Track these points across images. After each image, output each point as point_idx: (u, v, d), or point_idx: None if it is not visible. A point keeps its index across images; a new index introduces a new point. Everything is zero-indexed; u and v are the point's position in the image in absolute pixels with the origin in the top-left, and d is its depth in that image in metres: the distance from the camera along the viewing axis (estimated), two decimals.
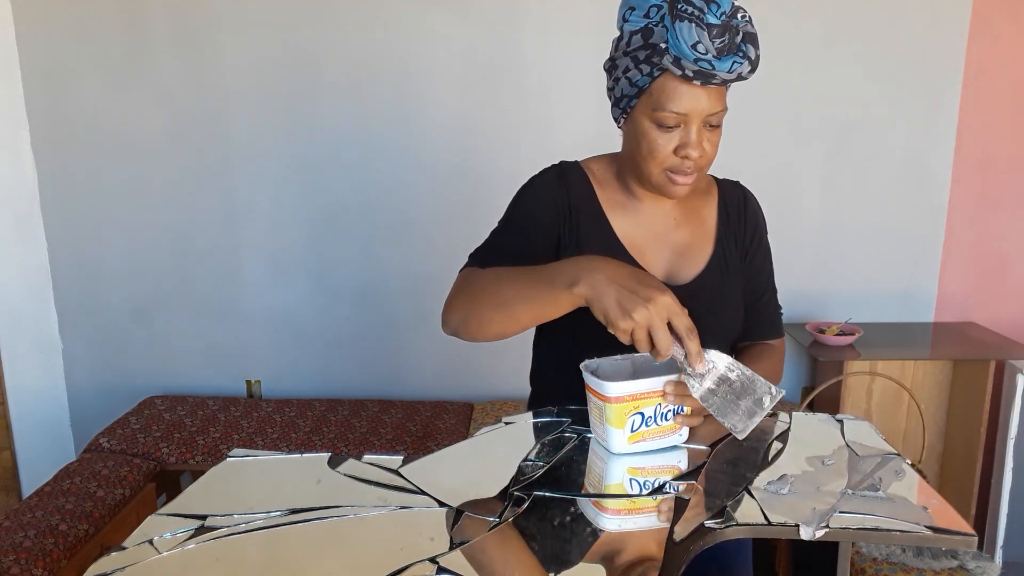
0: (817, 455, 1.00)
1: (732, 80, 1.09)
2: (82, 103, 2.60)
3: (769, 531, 0.85)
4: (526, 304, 1.04)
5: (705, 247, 1.25)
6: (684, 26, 1.05)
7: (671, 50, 1.06)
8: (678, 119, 1.10)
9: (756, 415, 0.95)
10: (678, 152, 1.12)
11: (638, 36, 1.11)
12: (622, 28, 1.14)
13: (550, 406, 1.18)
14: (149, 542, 0.83)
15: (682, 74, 1.06)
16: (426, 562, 0.78)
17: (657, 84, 1.10)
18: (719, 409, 0.97)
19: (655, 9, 1.08)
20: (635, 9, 1.11)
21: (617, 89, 1.18)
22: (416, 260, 2.68)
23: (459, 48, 2.53)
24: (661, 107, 1.10)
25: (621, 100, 1.18)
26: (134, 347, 2.77)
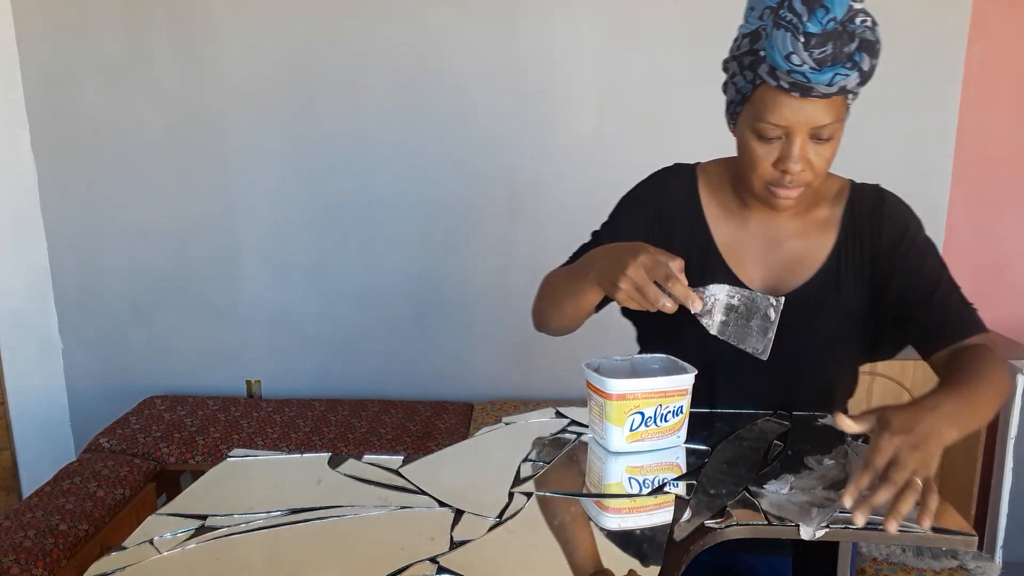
0: (817, 455, 1.00)
1: (834, 94, 1.00)
2: (82, 104, 2.60)
3: (769, 531, 0.85)
4: (568, 297, 1.13)
5: (817, 258, 1.17)
6: (779, 34, 0.98)
7: (767, 59, 1.00)
8: (778, 131, 1.04)
9: (768, 330, 0.97)
10: (778, 165, 1.06)
11: (747, 40, 1.05)
12: (739, 28, 1.08)
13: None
14: (149, 542, 0.83)
15: (777, 84, 1.00)
16: (426, 562, 0.78)
17: (758, 93, 1.04)
18: (736, 337, 0.98)
19: (768, 12, 1.01)
20: (753, 9, 1.05)
21: (727, 94, 1.12)
22: (416, 260, 2.69)
23: (459, 48, 2.53)
24: (761, 117, 1.04)
25: (729, 106, 1.12)
26: (134, 347, 2.77)
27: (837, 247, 1.17)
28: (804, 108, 1.01)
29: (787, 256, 1.18)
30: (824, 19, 0.96)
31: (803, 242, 1.18)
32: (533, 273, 2.83)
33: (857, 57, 0.98)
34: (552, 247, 2.63)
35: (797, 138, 1.04)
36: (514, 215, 2.63)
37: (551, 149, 2.58)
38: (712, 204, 1.22)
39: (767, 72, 1.01)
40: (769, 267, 1.18)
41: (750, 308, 0.98)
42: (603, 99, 2.55)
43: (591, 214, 2.64)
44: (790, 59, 0.97)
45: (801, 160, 1.04)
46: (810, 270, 1.17)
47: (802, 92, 0.99)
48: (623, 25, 2.49)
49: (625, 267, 0.96)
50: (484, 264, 2.68)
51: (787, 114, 1.02)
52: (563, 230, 2.66)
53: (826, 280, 1.16)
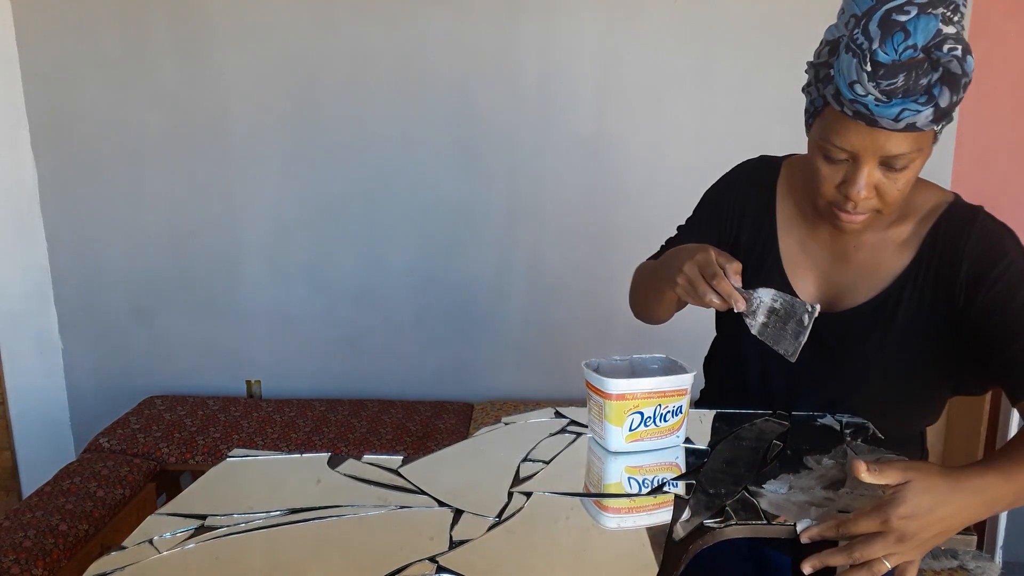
0: (816, 455, 1.00)
1: (900, 129, 0.90)
2: (82, 103, 2.60)
3: (769, 531, 0.85)
4: (651, 292, 1.15)
5: (882, 279, 1.08)
6: (846, 58, 0.89)
7: (835, 80, 0.92)
8: (844, 154, 0.96)
9: (800, 335, 0.97)
10: (841, 188, 0.99)
11: (827, 49, 0.96)
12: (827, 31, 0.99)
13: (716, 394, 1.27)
14: (149, 542, 0.83)
15: (840, 111, 0.92)
16: (426, 561, 0.78)
17: (827, 111, 0.96)
18: (772, 338, 0.99)
19: (853, 21, 0.91)
20: (843, 13, 0.95)
21: (806, 100, 1.04)
22: (416, 260, 2.69)
23: (459, 47, 2.53)
24: (827, 138, 0.96)
25: (805, 114, 1.04)
26: (134, 347, 2.77)
27: (907, 271, 1.07)
28: (874, 135, 0.92)
29: (851, 272, 1.11)
30: (900, 46, 0.85)
31: (872, 260, 1.09)
32: (533, 273, 2.86)
33: (936, 91, 0.87)
34: (552, 247, 2.65)
35: (864, 165, 0.95)
36: (514, 215, 2.63)
37: (551, 148, 2.58)
38: (786, 205, 1.16)
39: (832, 94, 0.93)
40: (829, 282, 1.12)
41: (788, 312, 0.98)
42: (603, 99, 2.55)
43: (591, 214, 2.67)
44: (854, 88, 0.88)
45: (867, 188, 0.96)
46: (871, 291, 1.09)
47: (867, 122, 0.91)
48: (623, 25, 2.49)
49: (682, 264, 0.99)
50: (484, 264, 2.68)
51: (854, 140, 0.94)
52: (563, 230, 2.67)
53: (883, 304, 1.08)
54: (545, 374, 2.74)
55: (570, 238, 2.65)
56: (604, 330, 2.71)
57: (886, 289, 1.08)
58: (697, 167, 2.58)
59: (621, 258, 2.67)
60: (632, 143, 2.56)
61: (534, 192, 2.61)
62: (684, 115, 2.54)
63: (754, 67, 2.50)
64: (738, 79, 2.51)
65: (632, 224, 2.62)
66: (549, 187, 2.60)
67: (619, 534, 0.88)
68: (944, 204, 1.08)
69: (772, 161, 1.21)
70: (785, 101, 2.52)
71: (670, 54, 2.50)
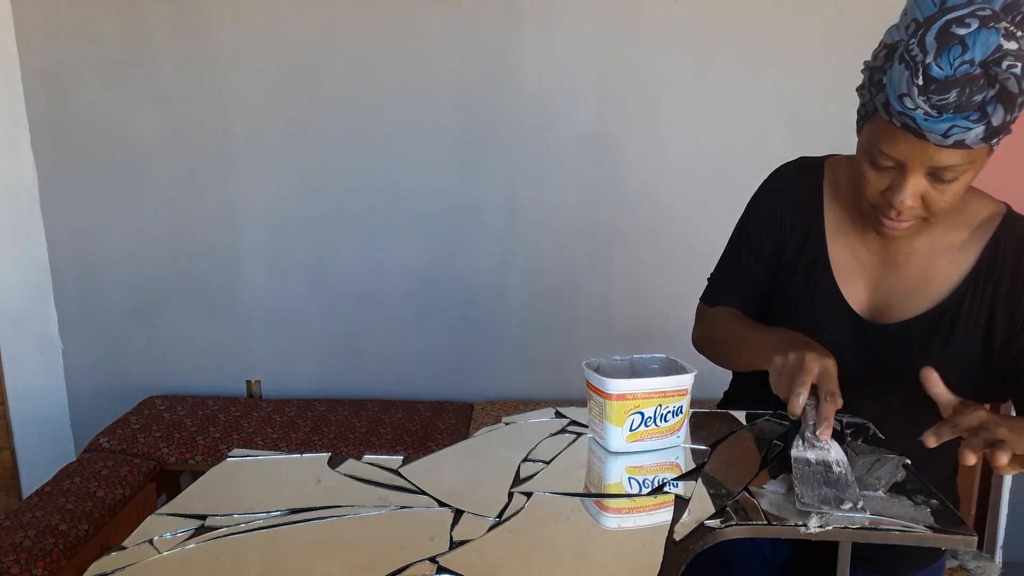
0: None
1: (948, 145, 0.87)
2: (82, 103, 2.60)
3: (769, 531, 0.85)
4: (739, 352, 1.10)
5: (938, 290, 1.04)
6: (898, 69, 0.86)
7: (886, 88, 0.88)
8: (891, 162, 0.93)
9: (827, 505, 0.87)
10: (886, 195, 0.96)
11: (884, 53, 0.91)
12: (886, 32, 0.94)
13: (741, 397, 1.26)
14: (149, 542, 0.83)
15: (889, 120, 0.89)
16: (426, 562, 0.78)
17: (877, 117, 0.93)
18: (800, 478, 0.91)
19: (914, 26, 0.87)
20: (906, 15, 0.90)
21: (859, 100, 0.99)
22: (416, 260, 2.69)
23: (459, 48, 2.53)
24: (875, 144, 0.93)
25: (857, 115, 1.00)
26: (134, 347, 2.77)
27: (965, 285, 1.03)
28: (923, 146, 0.88)
29: (904, 282, 1.06)
30: (956, 60, 0.82)
31: (925, 268, 1.05)
32: (533, 273, 2.86)
33: (990, 108, 0.83)
34: (552, 247, 2.65)
35: (911, 175, 0.92)
36: (514, 215, 2.63)
37: (551, 148, 2.58)
38: (834, 209, 1.11)
39: (881, 103, 0.89)
40: (879, 291, 1.08)
41: (837, 483, 0.90)
42: (603, 99, 2.55)
43: (591, 214, 2.67)
44: (903, 100, 0.85)
45: (913, 197, 0.93)
46: (925, 303, 1.04)
47: (915, 134, 0.87)
48: (623, 25, 2.49)
49: (809, 351, 0.91)
50: (484, 264, 2.68)
51: (902, 149, 0.90)
52: (563, 230, 2.67)
53: (942, 316, 1.04)
54: (545, 374, 2.74)
55: (570, 238, 2.65)
56: (604, 330, 2.71)
57: (944, 300, 1.04)
58: (697, 167, 2.60)
59: (621, 258, 2.68)
60: (632, 143, 2.56)
61: (534, 192, 2.61)
62: (684, 115, 2.54)
63: (754, 67, 2.50)
64: (738, 79, 2.51)
65: (632, 224, 2.62)
66: (549, 187, 2.60)
67: (619, 534, 0.87)
68: (999, 215, 1.05)
69: (813, 163, 1.15)
70: (785, 101, 2.53)
71: (670, 54, 2.50)
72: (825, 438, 0.92)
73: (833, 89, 2.50)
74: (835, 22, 2.48)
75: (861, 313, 1.09)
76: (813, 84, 2.51)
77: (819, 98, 2.51)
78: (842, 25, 2.48)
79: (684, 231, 2.58)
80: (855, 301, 1.09)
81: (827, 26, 2.48)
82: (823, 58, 2.49)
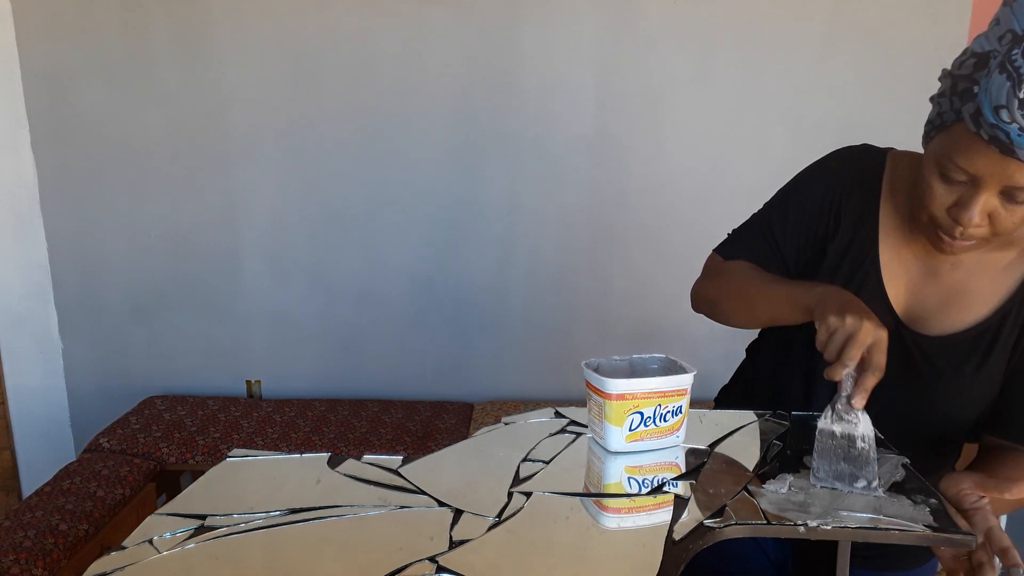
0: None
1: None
2: (82, 103, 2.60)
3: (769, 530, 0.85)
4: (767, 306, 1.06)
5: (975, 308, 1.02)
6: (998, 79, 0.82)
7: (978, 98, 0.84)
8: (965, 176, 0.89)
9: (840, 482, 0.90)
10: (952, 211, 0.92)
11: (972, 61, 0.87)
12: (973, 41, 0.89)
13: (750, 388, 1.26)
14: (149, 542, 0.83)
15: (976, 132, 0.85)
16: (426, 561, 0.78)
17: (957, 127, 0.88)
18: (820, 450, 0.92)
19: (1010, 37, 0.83)
20: (999, 24, 0.86)
21: (932, 108, 0.95)
22: (416, 260, 2.69)
23: (459, 48, 2.53)
24: (949, 156, 0.89)
25: (928, 124, 0.95)
26: (134, 347, 2.77)
27: (1007, 306, 1.01)
28: (1004, 163, 0.85)
29: (944, 292, 1.04)
30: None
31: (967, 283, 1.02)
32: (533, 273, 2.85)
33: None
34: (552, 247, 2.65)
35: (984, 192, 0.89)
36: (514, 215, 2.63)
37: (551, 148, 2.58)
38: (889, 204, 1.06)
39: (971, 114, 0.85)
40: (918, 298, 1.05)
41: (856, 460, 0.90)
42: (603, 99, 2.55)
43: (591, 214, 2.67)
44: (999, 112, 0.81)
45: (981, 215, 0.90)
46: (963, 319, 1.02)
47: (1002, 149, 0.84)
48: (623, 25, 2.49)
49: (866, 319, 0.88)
50: (484, 264, 2.68)
51: (980, 164, 0.87)
52: (563, 230, 2.67)
53: (978, 339, 1.02)
54: (545, 374, 2.74)
55: (570, 238, 2.65)
56: (604, 330, 2.71)
57: (985, 319, 1.02)
58: (697, 167, 2.60)
59: (621, 258, 2.68)
60: (632, 143, 2.56)
61: (534, 192, 2.61)
62: (684, 115, 2.54)
63: (754, 67, 2.50)
64: (738, 79, 2.51)
65: (632, 224, 2.62)
66: (549, 187, 2.60)
67: (619, 534, 0.88)
68: None
69: (876, 153, 1.10)
70: (785, 101, 2.54)
71: (670, 54, 2.50)
72: (858, 407, 0.90)
73: (833, 89, 2.50)
74: (835, 22, 2.48)
75: (900, 317, 1.06)
76: (813, 84, 2.51)
77: (819, 98, 2.51)
78: (842, 25, 2.48)
79: (684, 231, 2.58)
80: (897, 303, 1.06)
81: (827, 26, 2.48)
82: (823, 58, 2.49)
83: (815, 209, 1.10)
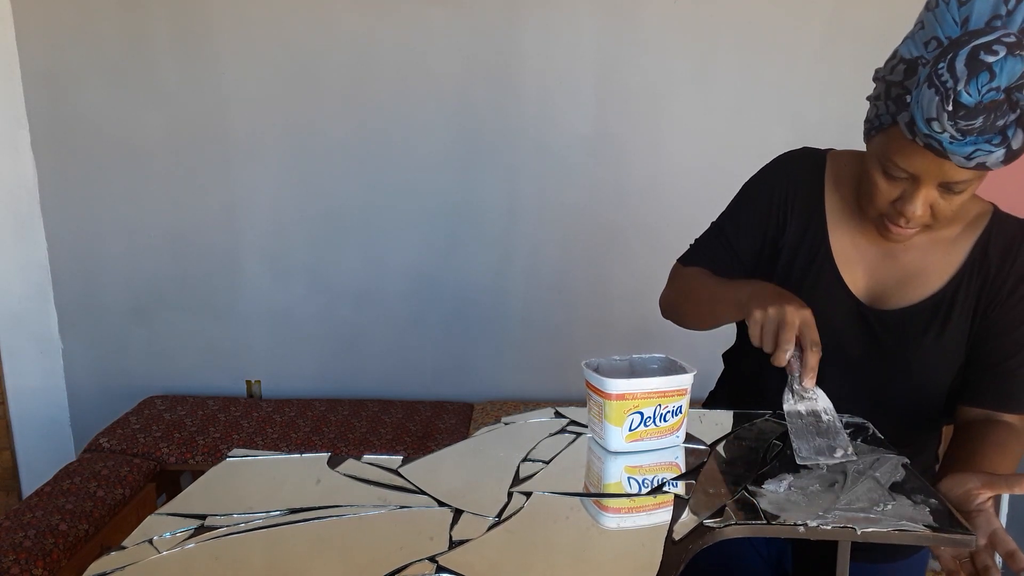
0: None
1: (970, 167, 0.90)
2: (82, 103, 2.60)
3: (769, 530, 0.85)
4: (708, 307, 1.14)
5: (932, 281, 1.09)
6: (927, 94, 0.87)
7: (911, 108, 0.90)
8: (905, 174, 0.96)
9: (822, 456, 0.95)
10: (896, 204, 1.00)
11: (902, 68, 0.92)
12: (901, 44, 0.95)
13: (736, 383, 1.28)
14: (149, 542, 0.83)
15: (911, 139, 0.91)
16: (426, 561, 0.78)
17: (895, 130, 0.95)
18: (796, 431, 0.97)
19: (935, 44, 0.88)
20: (923, 29, 0.91)
21: (869, 109, 1.01)
22: (416, 260, 2.69)
23: (459, 48, 2.53)
24: (889, 155, 0.96)
25: (866, 123, 1.02)
26: (134, 347, 2.77)
27: (959, 276, 1.08)
28: (939, 162, 0.92)
29: (900, 271, 1.10)
30: (984, 87, 0.84)
31: (922, 260, 1.09)
32: (533, 273, 2.86)
33: (1010, 132, 0.86)
34: (552, 247, 2.65)
35: (923, 187, 0.96)
36: (514, 214, 2.63)
37: (551, 148, 2.58)
38: (834, 198, 1.14)
39: (905, 122, 0.91)
40: (877, 279, 1.11)
41: (828, 432, 0.96)
42: (603, 99, 2.55)
43: (591, 213, 2.67)
44: (931, 124, 0.87)
45: (923, 207, 0.97)
46: (921, 292, 1.09)
47: (936, 155, 0.90)
48: (623, 25, 2.49)
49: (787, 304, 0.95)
50: (484, 264, 2.68)
51: (918, 164, 0.93)
52: (563, 230, 2.67)
53: (936, 307, 1.08)
54: (545, 374, 2.74)
55: (570, 238, 2.65)
56: (604, 330, 2.71)
57: (941, 290, 1.08)
58: (697, 167, 2.60)
59: (621, 258, 2.68)
60: (632, 143, 2.56)
61: (534, 191, 2.61)
62: (684, 115, 2.54)
63: (754, 67, 2.50)
64: (738, 79, 2.51)
65: (632, 224, 2.62)
66: (549, 186, 2.60)
67: (619, 534, 0.88)
68: (988, 212, 1.10)
69: (816, 153, 1.18)
70: (785, 101, 2.53)
71: (670, 54, 2.50)
72: (810, 386, 0.97)
73: (833, 89, 2.50)
74: (835, 22, 2.48)
75: (861, 299, 1.12)
76: (813, 84, 2.51)
77: (819, 98, 2.51)
78: (842, 25, 2.48)
79: (684, 230, 2.55)
80: (855, 287, 1.12)
81: (827, 26, 2.48)
82: (823, 58, 2.49)
83: (764, 210, 1.17)
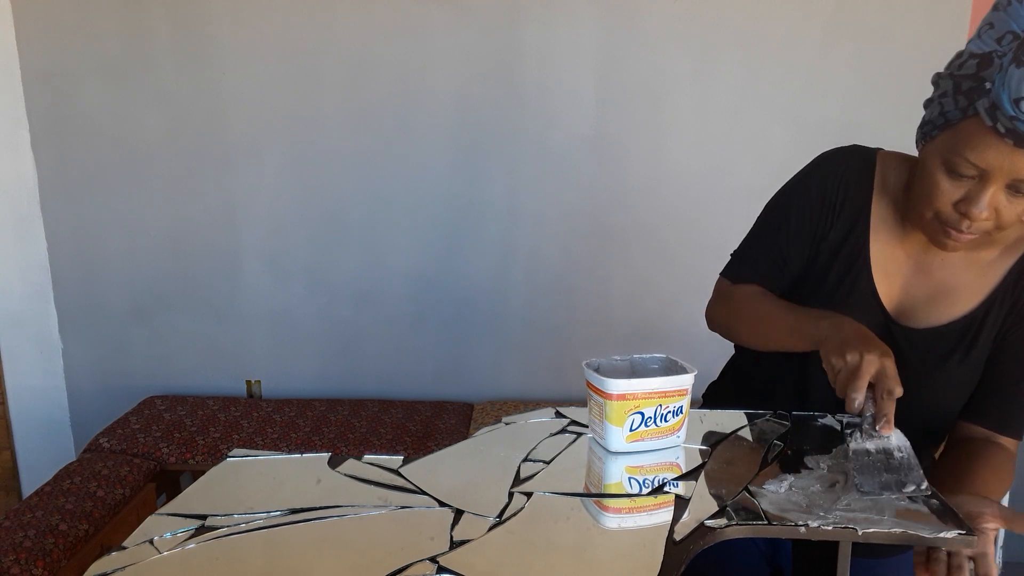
0: (817, 455, 1.00)
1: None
2: (82, 103, 2.60)
3: (769, 531, 0.85)
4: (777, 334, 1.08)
5: (961, 302, 1.07)
6: (1018, 73, 0.84)
7: (992, 94, 0.88)
8: (974, 171, 0.93)
9: (888, 491, 0.90)
10: (960, 206, 0.95)
11: (974, 62, 0.91)
12: (968, 45, 0.94)
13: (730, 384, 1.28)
14: (149, 542, 0.83)
15: (992, 125, 0.88)
16: (426, 562, 0.78)
17: (966, 124, 0.92)
18: (860, 468, 0.92)
19: (1011, 38, 0.88)
20: (993, 27, 0.90)
21: (928, 111, 0.98)
22: (416, 260, 2.69)
23: (459, 48, 2.53)
24: (959, 151, 0.92)
25: (925, 124, 0.99)
26: (134, 347, 2.77)
27: (990, 299, 1.06)
28: (1013, 156, 0.89)
29: (932, 288, 1.08)
30: None
31: (955, 279, 1.07)
32: (533, 273, 2.85)
33: None
34: (552, 247, 2.65)
35: (992, 184, 0.92)
36: (514, 215, 2.63)
37: (551, 148, 2.58)
38: (881, 204, 1.10)
39: (986, 108, 0.88)
40: (909, 293, 1.09)
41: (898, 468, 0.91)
42: (603, 99, 2.55)
43: (591, 214, 2.67)
44: (1019, 105, 0.84)
45: (989, 208, 0.94)
46: (950, 312, 1.07)
47: (1017, 141, 0.87)
48: (623, 25, 2.49)
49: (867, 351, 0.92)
50: (484, 264, 2.68)
51: (991, 157, 0.90)
52: (563, 230, 2.67)
53: (964, 331, 1.06)
54: (545, 374, 2.74)
55: (570, 238, 2.65)
56: (604, 330, 2.71)
57: (971, 312, 1.06)
58: (697, 167, 2.60)
59: (621, 258, 2.68)
60: (632, 143, 2.56)
61: (534, 192, 2.61)
62: (684, 115, 2.54)
63: (754, 67, 2.50)
64: (738, 79, 2.51)
65: (632, 224, 2.62)
66: (549, 187, 2.60)
67: (619, 534, 0.88)
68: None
69: (867, 152, 1.13)
70: (785, 101, 2.53)
71: (670, 54, 2.50)
72: (887, 433, 0.93)
73: (833, 89, 2.50)
74: (835, 22, 2.48)
75: (891, 313, 1.09)
76: (813, 84, 2.51)
77: (819, 98, 2.51)
78: (842, 25, 2.48)
79: (684, 231, 2.58)
80: (887, 301, 1.10)
81: (827, 26, 2.48)
82: (823, 58, 2.49)
83: (817, 211, 1.13)
